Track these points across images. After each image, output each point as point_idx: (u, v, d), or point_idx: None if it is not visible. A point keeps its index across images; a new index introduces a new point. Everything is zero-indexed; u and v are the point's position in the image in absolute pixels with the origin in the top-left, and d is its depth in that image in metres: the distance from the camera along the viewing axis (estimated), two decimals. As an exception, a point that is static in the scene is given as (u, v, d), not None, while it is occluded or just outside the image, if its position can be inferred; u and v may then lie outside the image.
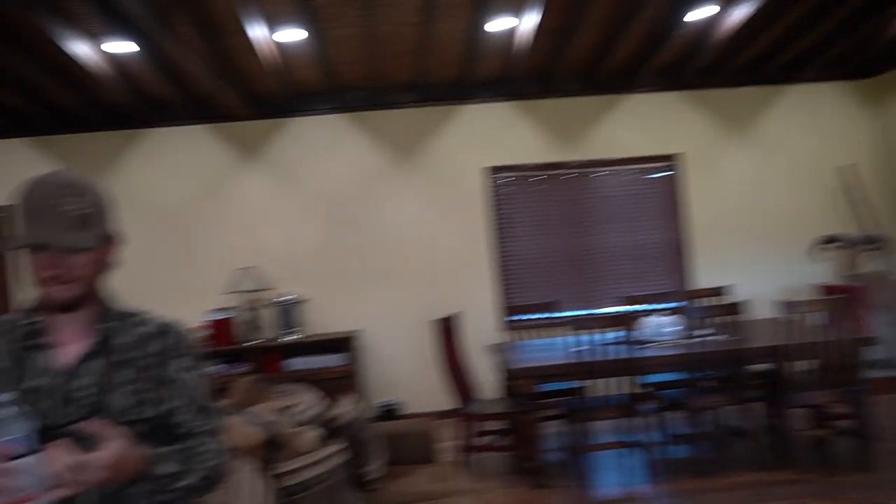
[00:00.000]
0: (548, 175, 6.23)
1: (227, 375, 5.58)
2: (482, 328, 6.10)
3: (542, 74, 6.00)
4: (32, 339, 1.34)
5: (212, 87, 5.25)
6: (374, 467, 2.92)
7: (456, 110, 6.17)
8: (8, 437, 1.11)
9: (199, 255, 6.01)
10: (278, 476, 2.24)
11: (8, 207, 5.76)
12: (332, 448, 2.44)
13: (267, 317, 5.99)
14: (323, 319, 6.06)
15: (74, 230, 1.29)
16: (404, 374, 6.06)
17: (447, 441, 4.88)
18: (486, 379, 5.88)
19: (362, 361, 5.98)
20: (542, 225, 6.24)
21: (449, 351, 4.60)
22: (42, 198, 1.29)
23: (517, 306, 5.52)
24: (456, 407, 4.54)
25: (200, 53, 4.75)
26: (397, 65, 5.59)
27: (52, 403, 1.29)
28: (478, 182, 6.16)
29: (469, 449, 4.33)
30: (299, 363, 5.65)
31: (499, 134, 6.20)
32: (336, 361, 5.65)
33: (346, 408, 3.06)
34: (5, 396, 1.14)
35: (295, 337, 5.73)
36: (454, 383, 4.56)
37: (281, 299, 5.75)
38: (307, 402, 3.07)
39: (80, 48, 4.40)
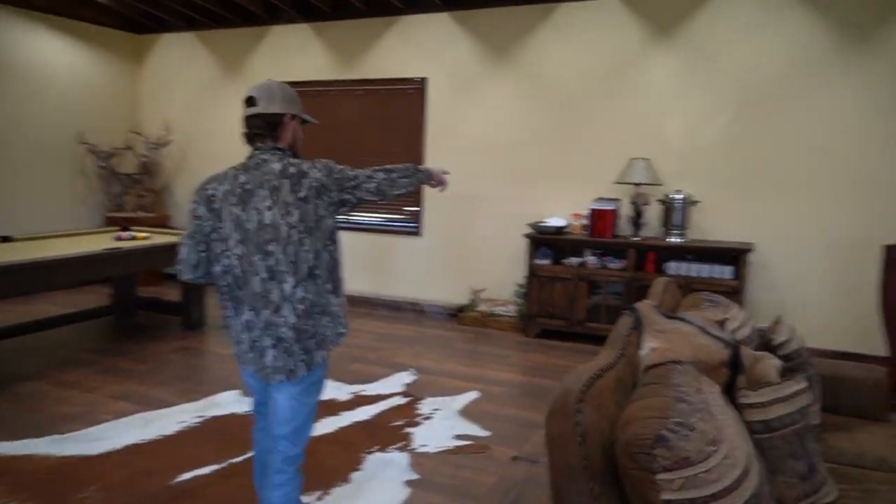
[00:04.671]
0: None
1: (602, 267, 5.39)
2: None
3: None
4: None
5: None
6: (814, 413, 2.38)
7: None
8: None
9: (594, 138, 5.76)
10: (742, 408, 1.85)
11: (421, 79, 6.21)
12: (797, 385, 1.95)
13: (653, 213, 5.58)
14: (712, 225, 5.42)
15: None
16: (798, 302, 5.18)
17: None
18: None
19: (751, 279, 5.26)
20: None
21: (891, 286, 3.68)
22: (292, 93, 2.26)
23: None
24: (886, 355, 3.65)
25: None
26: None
27: None
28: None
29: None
30: (681, 268, 5.17)
31: None
32: (722, 273, 5.04)
33: (786, 334, 2.52)
34: None
35: (680, 240, 5.24)
36: (892, 326, 3.67)
37: (671, 197, 5.25)
38: (739, 318, 2.61)
39: None
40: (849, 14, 4.90)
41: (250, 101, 2.14)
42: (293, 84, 6.89)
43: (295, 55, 6.93)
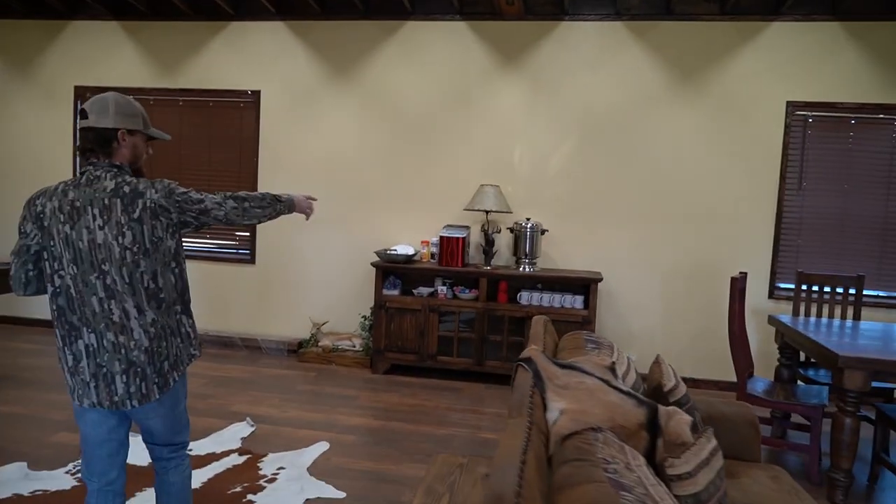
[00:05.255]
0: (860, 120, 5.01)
1: (453, 297, 5.16)
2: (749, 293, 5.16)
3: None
4: None
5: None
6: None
7: (765, 26, 5.06)
8: None
9: (443, 163, 5.55)
10: (670, 480, 1.61)
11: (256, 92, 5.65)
12: (710, 441, 1.77)
13: (502, 242, 5.47)
14: (560, 254, 5.42)
15: None
16: (645, 330, 5.32)
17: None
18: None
19: (599, 308, 5.31)
20: (846, 181, 5.07)
21: (737, 315, 3.78)
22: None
23: (808, 275, 4.50)
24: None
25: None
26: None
27: None
28: (777, 118, 5.07)
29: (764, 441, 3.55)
30: (533, 298, 5.08)
31: (812, 62, 5.02)
32: (573, 303, 5.02)
33: (672, 378, 2.39)
34: None
35: (531, 269, 5.16)
36: (737, 354, 3.77)
37: (521, 225, 5.16)
38: (623, 362, 2.44)
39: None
40: (677, 55, 5.15)
41: (83, 114, 2.03)
42: (98, 90, 6.03)
43: (102, 57, 6.02)
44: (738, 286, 3.75)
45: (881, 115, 4.95)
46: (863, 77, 4.93)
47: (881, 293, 5.01)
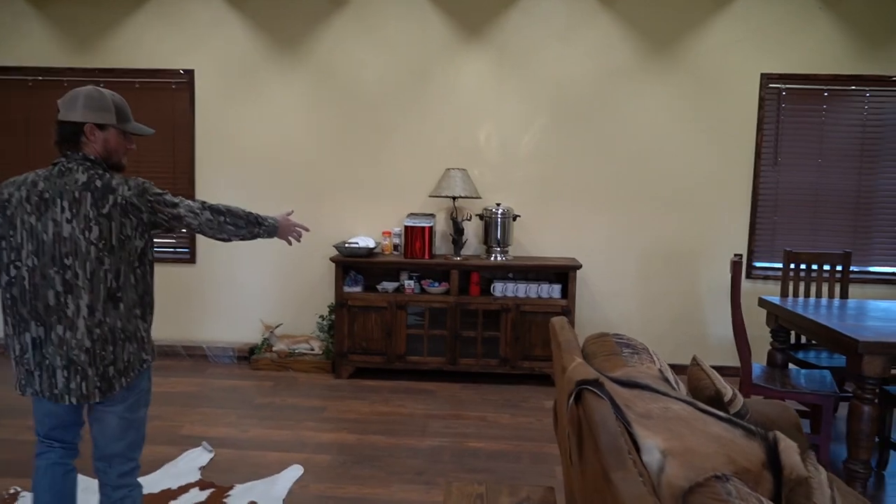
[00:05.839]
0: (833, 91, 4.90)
1: (421, 292, 4.77)
2: (720, 272, 4.99)
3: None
4: None
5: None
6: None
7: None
8: None
9: (400, 148, 5.11)
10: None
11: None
12: (819, 472, 1.47)
13: (470, 229, 5.10)
14: (531, 241, 5.10)
15: None
16: (622, 318, 5.08)
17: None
18: (720, 333, 4.86)
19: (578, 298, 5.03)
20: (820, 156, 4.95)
21: (736, 303, 3.56)
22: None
23: (796, 254, 4.33)
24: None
25: None
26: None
27: None
28: (751, 91, 4.88)
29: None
30: (507, 289, 4.74)
31: (786, 32, 4.84)
32: (551, 293, 4.71)
33: (724, 385, 2.08)
34: None
35: (503, 258, 4.82)
36: (741, 343, 3.55)
37: (492, 211, 4.80)
38: (667, 368, 2.12)
39: None
40: (649, 26, 4.88)
41: (57, 107, 2.06)
42: (1, 70, 5.26)
43: (3, 34, 5.24)
44: (739, 270, 3.52)
45: (853, 87, 4.84)
46: (837, 48, 4.80)
47: (856, 269, 4.93)
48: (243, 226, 2.21)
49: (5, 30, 5.24)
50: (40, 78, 5.24)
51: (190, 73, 5.17)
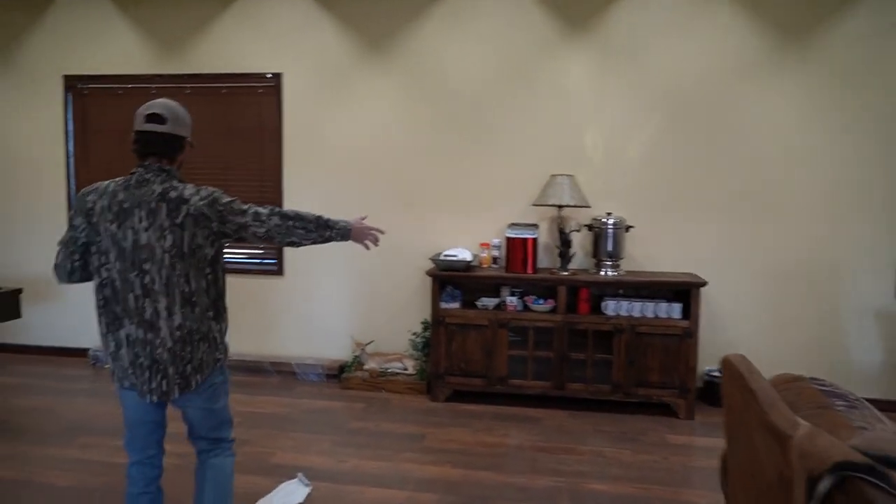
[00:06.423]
0: None
1: (524, 309, 4.37)
2: (864, 290, 4.40)
3: None
4: None
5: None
6: None
7: (877, -20, 4.25)
8: None
9: (498, 151, 4.73)
10: None
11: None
12: None
13: (577, 242, 4.68)
14: (644, 254, 4.63)
15: None
16: (745, 340, 4.54)
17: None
18: (866, 360, 4.27)
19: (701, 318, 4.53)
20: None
21: None
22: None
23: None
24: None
25: None
26: None
27: None
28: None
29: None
30: (621, 308, 4.29)
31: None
32: (670, 313, 4.23)
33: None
34: None
35: (615, 273, 4.37)
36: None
37: (602, 221, 4.37)
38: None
39: None
40: (779, 14, 4.34)
41: (157, 119, 2.08)
42: (91, 78, 5.18)
43: (89, 38, 5.15)
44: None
45: None
46: None
47: None
48: (313, 229, 2.21)
49: (89, 34, 5.14)
50: (129, 86, 5.13)
51: (277, 77, 4.94)
